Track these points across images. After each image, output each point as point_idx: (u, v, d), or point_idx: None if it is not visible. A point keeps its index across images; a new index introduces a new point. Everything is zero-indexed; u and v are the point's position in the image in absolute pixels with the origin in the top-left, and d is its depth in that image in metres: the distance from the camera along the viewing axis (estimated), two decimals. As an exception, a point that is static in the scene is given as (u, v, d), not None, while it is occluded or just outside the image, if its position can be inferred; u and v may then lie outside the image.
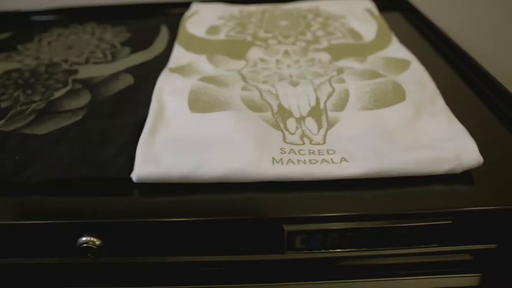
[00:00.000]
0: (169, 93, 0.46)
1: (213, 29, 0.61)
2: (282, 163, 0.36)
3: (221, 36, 0.59)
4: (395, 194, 0.36)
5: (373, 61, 0.53)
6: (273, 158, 0.36)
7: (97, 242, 0.34)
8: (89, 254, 0.34)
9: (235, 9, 0.68)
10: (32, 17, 0.74)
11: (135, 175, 0.35)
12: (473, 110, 0.47)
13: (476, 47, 0.67)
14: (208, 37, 0.59)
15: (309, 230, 0.33)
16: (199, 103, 0.44)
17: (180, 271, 0.37)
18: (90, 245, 0.34)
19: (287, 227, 0.33)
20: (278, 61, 0.54)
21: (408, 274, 0.40)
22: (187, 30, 0.61)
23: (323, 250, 0.34)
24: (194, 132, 0.40)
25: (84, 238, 0.34)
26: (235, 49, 0.56)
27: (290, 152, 0.37)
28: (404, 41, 0.58)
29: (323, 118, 0.42)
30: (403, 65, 0.51)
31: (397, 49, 0.56)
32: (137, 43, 0.61)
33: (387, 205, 0.34)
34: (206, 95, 0.45)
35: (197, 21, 0.63)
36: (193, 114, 0.42)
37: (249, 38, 0.58)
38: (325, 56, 0.55)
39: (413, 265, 0.40)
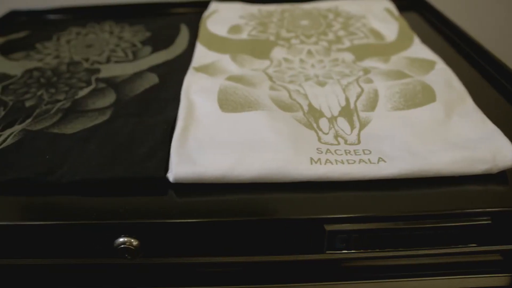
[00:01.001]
0: (197, 92, 0.46)
1: (235, 29, 0.60)
2: (321, 163, 0.36)
3: (244, 35, 0.59)
4: (431, 194, 0.36)
5: (396, 61, 0.53)
6: (311, 158, 0.36)
7: (135, 242, 0.34)
8: (126, 255, 0.34)
9: (254, 8, 0.67)
10: (48, 16, 0.74)
11: (172, 175, 0.35)
12: (499, 109, 0.47)
13: (495, 45, 0.67)
14: (230, 36, 0.59)
15: (349, 230, 0.33)
16: (229, 103, 0.43)
17: (217, 272, 0.37)
18: (127, 246, 0.34)
19: (328, 227, 0.33)
20: (302, 61, 0.54)
21: (439, 274, 0.39)
22: (208, 29, 0.61)
23: (361, 250, 0.34)
24: (227, 132, 0.40)
25: (121, 239, 0.33)
26: (258, 48, 0.56)
27: (327, 152, 0.37)
28: (423, 41, 0.58)
29: (355, 118, 0.42)
30: (428, 65, 0.51)
31: (420, 49, 0.56)
32: (158, 42, 0.61)
33: (425, 205, 0.34)
34: (235, 95, 0.45)
35: (218, 20, 0.62)
36: (224, 113, 0.42)
37: (272, 38, 0.58)
38: (348, 56, 0.55)
39: (443, 265, 0.40)
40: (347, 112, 0.43)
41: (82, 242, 0.34)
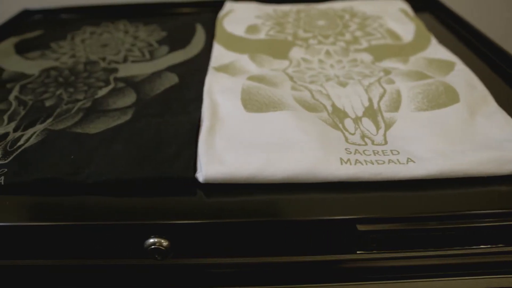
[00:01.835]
0: (220, 92, 0.46)
1: (252, 28, 0.60)
2: (350, 164, 0.35)
3: (262, 35, 0.58)
4: (460, 194, 0.36)
5: (415, 62, 0.53)
6: (341, 159, 0.36)
7: (165, 243, 0.34)
8: (156, 256, 0.34)
9: (269, 8, 0.67)
10: (61, 15, 0.73)
11: (202, 175, 0.35)
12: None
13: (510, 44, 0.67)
14: (248, 36, 0.59)
15: (382, 230, 0.33)
16: (253, 103, 0.43)
17: (246, 272, 0.37)
18: (158, 247, 0.33)
19: (361, 227, 0.33)
20: (320, 61, 0.54)
21: (466, 274, 0.39)
22: (225, 29, 0.61)
23: (392, 250, 0.34)
24: (254, 132, 0.40)
25: (152, 240, 0.33)
26: (276, 48, 0.55)
27: (355, 152, 0.37)
28: (438, 41, 0.58)
29: (379, 118, 0.42)
30: (447, 66, 0.51)
31: (437, 50, 0.56)
32: (174, 42, 0.61)
33: (455, 205, 0.34)
34: (259, 95, 0.44)
35: (234, 20, 0.62)
36: (248, 113, 0.42)
37: (289, 38, 0.58)
38: (367, 57, 0.55)
39: (470, 265, 0.40)
40: (371, 112, 0.43)
41: (112, 243, 0.34)
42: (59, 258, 0.35)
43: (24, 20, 0.72)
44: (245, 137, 0.39)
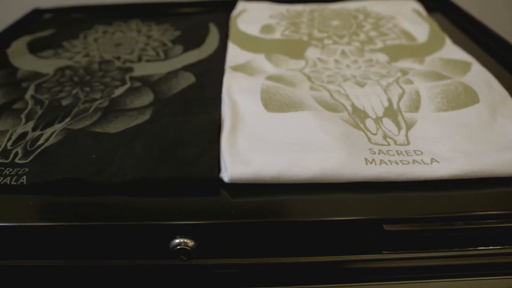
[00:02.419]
0: (239, 92, 0.45)
1: (267, 28, 0.60)
2: (375, 164, 0.35)
3: (277, 35, 0.58)
4: (485, 194, 0.35)
5: (430, 62, 0.53)
6: (366, 159, 0.36)
7: (191, 243, 0.33)
8: (182, 256, 0.33)
9: (282, 8, 0.67)
10: (72, 14, 0.73)
11: (227, 175, 0.35)
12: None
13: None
14: (263, 36, 0.58)
15: (408, 231, 0.33)
16: (274, 103, 0.43)
17: (272, 272, 0.36)
18: (183, 247, 0.33)
19: (388, 227, 0.33)
20: (336, 61, 0.54)
21: (490, 274, 0.39)
22: (239, 28, 0.60)
23: (417, 250, 0.34)
24: (276, 132, 0.39)
25: (177, 240, 0.33)
26: (292, 48, 0.55)
27: (379, 152, 0.37)
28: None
29: (400, 118, 0.42)
30: (464, 66, 0.52)
31: (453, 51, 0.56)
32: (188, 41, 0.61)
33: (481, 205, 0.34)
34: (278, 95, 0.44)
35: (248, 20, 0.62)
36: (269, 113, 0.42)
37: (305, 38, 0.58)
38: (382, 57, 0.55)
39: (494, 265, 0.39)
40: (391, 112, 0.43)
41: (137, 244, 0.34)
42: (84, 259, 0.35)
43: (34, 19, 0.72)
44: (268, 137, 0.39)
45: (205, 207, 0.35)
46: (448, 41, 0.58)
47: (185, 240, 0.33)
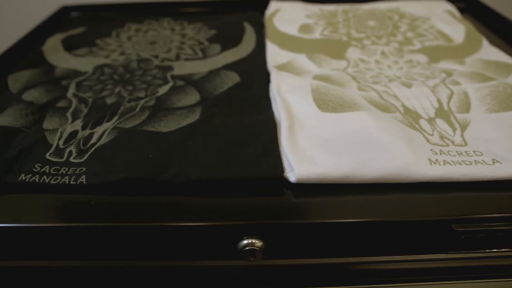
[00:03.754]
0: (289, 91, 0.45)
1: (305, 28, 0.60)
2: (439, 164, 0.36)
3: (316, 35, 0.58)
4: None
5: (471, 63, 0.53)
6: (429, 159, 0.36)
7: (258, 244, 0.33)
8: (250, 258, 0.33)
9: (316, 8, 0.67)
10: (100, 12, 0.72)
11: (294, 175, 0.35)
12: None
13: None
14: (302, 35, 0.58)
15: (477, 231, 0.33)
16: (327, 103, 0.43)
17: (337, 272, 0.36)
18: (252, 248, 0.33)
19: (458, 227, 0.33)
20: (377, 62, 0.54)
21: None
22: (277, 28, 0.60)
23: (487, 250, 0.34)
24: (334, 132, 0.39)
25: (245, 241, 0.33)
26: (332, 48, 0.55)
27: (441, 153, 0.37)
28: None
29: (452, 119, 0.42)
30: (506, 68, 0.52)
31: (492, 52, 0.56)
32: (225, 40, 0.60)
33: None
34: (330, 95, 0.44)
35: (284, 19, 0.62)
36: (323, 113, 0.42)
37: (344, 38, 0.58)
38: (422, 58, 0.55)
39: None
40: (442, 113, 0.43)
41: (205, 245, 0.34)
42: (151, 260, 0.35)
43: (62, 17, 0.71)
44: (328, 137, 0.39)
45: (272, 207, 0.34)
46: (485, 42, 0.58)
47: (253, 241, 0.33)
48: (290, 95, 0.45)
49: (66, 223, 0.34)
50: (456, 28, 0.61)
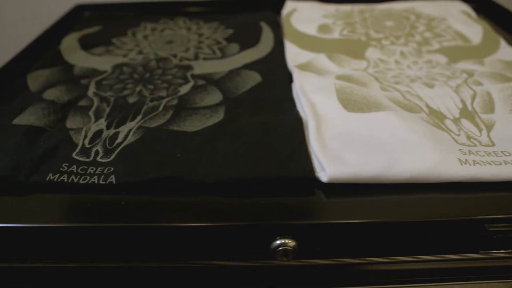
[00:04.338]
0: (313, 91, 0.45)
1: (324, 28, 0.60)
2: (469, 164, 0.36)
3: (335, 35, 0.58)
4: None
5: (490, 64, 0.53)
6: (459, 159, 0.36)
7: (292, 244, 0.33)
8: (284, 258, 0.33)
9: (332, 8, 0.67)
10: (114, 11, 0.72)
11: (326, 175, 0.35)
12: None
13: None
14: (321, 35, 0.58)
15: (508, 230, 0.33)
16: (352, 103, 0.43)
17: (370, 272, 0.36)
18: (285, 248, 0.33)
19: (491, 227, 0.33)
20: (397, 62, 0.54)
21: None
22: (295, 27, 0.60)
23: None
24: (363, 132, 0.39)
25: (278, 241, 0.33)
26: (352, 48, 0.55)
27: (469, 153, 0.37)
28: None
29: (477, 120, 0.42)
30: (526, 68, 0.52)
31: (510, 52, 0.56)
32: (243, 40, 0.60)
33: None
34: (354, 95, 0.44)
35: (302, 19, 0.62)
36: (349, 113, 0.42)
37: (363, 38, 0.58)
38: (441, 58, 0.55)
39: None
40: (467, 114, 0.43)
41: (237, 245, 0.34)
42: (183, 260, 0.34)
43: (76, 15, 0.71)
44: (356, 137, 0.39)
45: (304, 207, 0.35)
46: (503, 43, 0.58)
47: (286, 241, 0.33)
48: (314, 95, 0.45)
49: (96, 224, 0.34)
50: (473, 29, 0.61)
